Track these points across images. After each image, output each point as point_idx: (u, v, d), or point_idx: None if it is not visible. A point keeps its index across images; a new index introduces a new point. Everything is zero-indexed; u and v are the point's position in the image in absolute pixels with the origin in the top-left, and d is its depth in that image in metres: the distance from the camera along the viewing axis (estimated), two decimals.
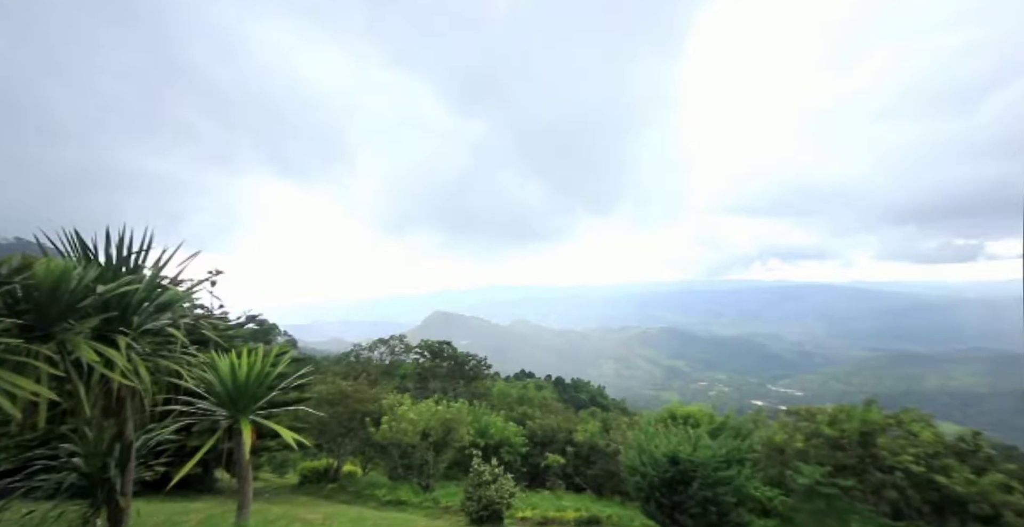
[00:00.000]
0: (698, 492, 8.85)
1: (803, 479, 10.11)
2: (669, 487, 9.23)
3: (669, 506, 9.14)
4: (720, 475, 8.91)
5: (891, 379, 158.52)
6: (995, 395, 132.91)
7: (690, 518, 8.90)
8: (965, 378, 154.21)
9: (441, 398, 14.85)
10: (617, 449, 14.43)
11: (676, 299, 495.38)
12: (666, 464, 9.37)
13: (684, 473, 9.18)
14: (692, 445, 9.72)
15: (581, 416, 22.07)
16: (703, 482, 8.91)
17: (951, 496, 8.77)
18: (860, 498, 9.74)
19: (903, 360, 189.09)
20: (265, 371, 5.63)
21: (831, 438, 10.67)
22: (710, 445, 9.74)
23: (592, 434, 16.07)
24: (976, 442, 9.61)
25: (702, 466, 9.04)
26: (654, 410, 18.89)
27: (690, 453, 9.42)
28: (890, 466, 9.60)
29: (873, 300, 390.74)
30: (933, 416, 11.01)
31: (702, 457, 9.26)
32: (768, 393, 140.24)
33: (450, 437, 12.41)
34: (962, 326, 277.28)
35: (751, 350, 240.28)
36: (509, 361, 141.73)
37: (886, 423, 10.51)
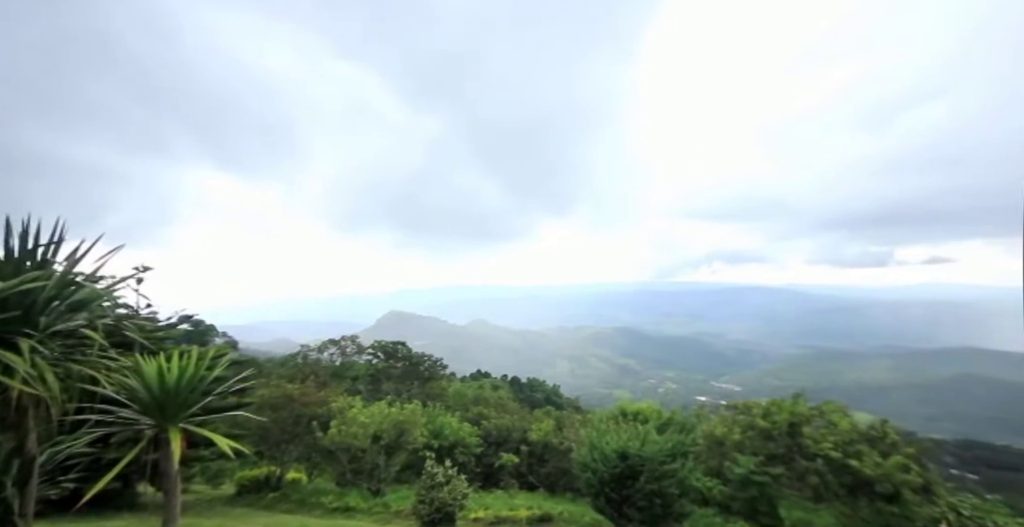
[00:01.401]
0: (645, 485, 9.21)
1: (739, 469, 10.82)
2: (618, 482, 9.53)
3: (618, 500, 9.44)
4: (666, 468, 9.31)
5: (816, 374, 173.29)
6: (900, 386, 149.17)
7: (637, 511, 9.24)
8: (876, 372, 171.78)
9: (394, 400, 14.47)
10: (570, 447, 14.74)
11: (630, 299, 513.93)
12: (616, 460, 9.67)
13: (633, 468, 9.52)
14: (641, 441, 10.10)
15: (536, 415, 22.31)
16: (650, 476, 9.28)
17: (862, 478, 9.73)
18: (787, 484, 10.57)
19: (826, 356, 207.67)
20: (199, 375, 5.22)
21: (764, 430, 11.51)
22: (657, 440, 10.17)
23: (546, 433, 16.30)
24: (884, 429, 10.72)
25: (649, 460, 9.41)
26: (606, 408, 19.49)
27: (639, 448, 9.78)
28: (813, 454, 10.50)
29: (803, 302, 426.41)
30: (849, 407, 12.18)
31: (650, 452, 9.64)
32: (711, 389, 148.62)
33: (403, 439, 12.13)
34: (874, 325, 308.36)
35: (697, 348, 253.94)
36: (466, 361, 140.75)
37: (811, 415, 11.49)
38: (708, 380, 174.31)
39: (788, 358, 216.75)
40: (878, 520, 9.58)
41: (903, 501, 9.36)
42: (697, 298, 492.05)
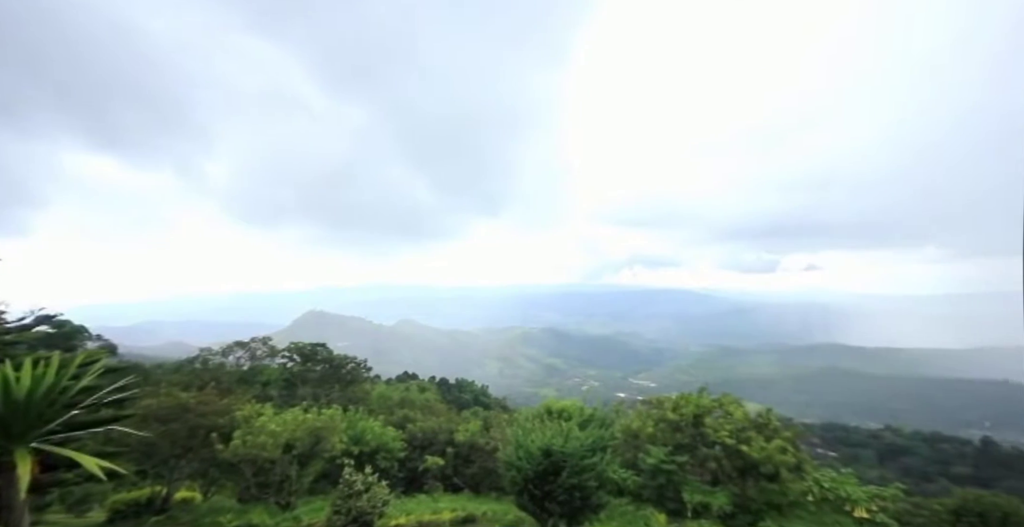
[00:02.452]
0: (566, 480, 9.54)
1: (651, 459, 11.65)
2: (541, 478, 9.77)
3: (540, 496, 9.67)
4: (586, 463, 9.72)
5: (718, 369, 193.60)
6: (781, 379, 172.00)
7: (558, 505, 9.54)
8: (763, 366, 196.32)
9: (311, 405, 13.47)
10: (496, 446, 14.83)
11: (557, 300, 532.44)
12: (540, 457, 9.90)
13: (556, 464, 9.81)
14: (564, 437, 10.44)
15: (464, 416, 22.16)
16: (571, 471, 9.63)
17: (750, 461, 10.99)
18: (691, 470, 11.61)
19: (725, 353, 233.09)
20: (61, 386, 4.40)
21: (673, 422, 12.53)
22: (579, 436, 10.58)
23: (473, 433, 16.25)
24: (768, 417, 12.21)
25: (571, 456, 9.76)
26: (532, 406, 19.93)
27: (562, 445, 10.10)
28: (712, 441, 11.65)
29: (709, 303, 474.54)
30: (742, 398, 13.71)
31: (572, 448, 10.00)
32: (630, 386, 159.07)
33: (319, 447, 11.32)
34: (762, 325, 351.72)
35: (617, 347, 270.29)
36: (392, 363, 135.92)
37: (712, 406, 12.73)
38: (627, 377, 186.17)
39: (695, 355, 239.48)
40: (761, 497, 10.90)
41: (781, 479, 10.76)
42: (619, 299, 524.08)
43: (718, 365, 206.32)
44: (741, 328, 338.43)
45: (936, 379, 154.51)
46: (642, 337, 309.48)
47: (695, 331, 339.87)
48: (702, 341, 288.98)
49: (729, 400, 13.05)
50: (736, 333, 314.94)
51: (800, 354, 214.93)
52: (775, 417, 12.43)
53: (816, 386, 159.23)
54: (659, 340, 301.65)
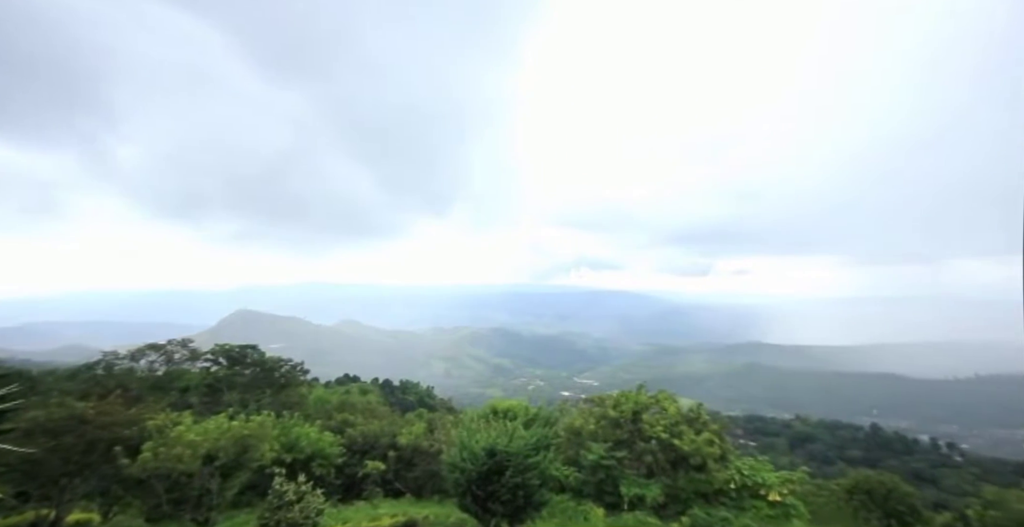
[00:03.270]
0: (510, 479, 9.57)
1: (592, 456, 12.03)
2: (485, 479, 9.73)
3: (483, 497, 9.63)
4: (530, 461, 9.82)
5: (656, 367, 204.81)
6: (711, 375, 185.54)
7: (501, 505, 9.55)
8: (696, 364, 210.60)
9: (239, 412, 12.45)
10: (440, 448, 14.59)
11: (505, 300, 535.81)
12: (484, 457, 9.86)
13: (499, 464, 9.81)
14: (509, 437, 10.48)
15: (408, 418, 21.59)
16: (515, 470, 9.68)
17: (682, 453, 11.70)
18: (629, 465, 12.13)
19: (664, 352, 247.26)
20: None
21: (614, 419, 13.03)
22: (524, 435, 10.67)
23: (417, 436, 15.87)
24: (699, 411, 13.08)
25: (515, 455, 9.82)
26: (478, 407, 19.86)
27: (506, 445, 10.13)
28: (649, 436, 12.26)
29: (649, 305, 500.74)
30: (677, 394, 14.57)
31: (516, 447, 10.06)
32: (574, 385, 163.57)
33: (246, 457, 10.47)
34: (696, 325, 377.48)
35: (563, 347, 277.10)
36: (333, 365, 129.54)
37: (649, 403, 13.39)
38: (572, 376, 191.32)
39: (637, 354, 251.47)
40: (690, 487, 11.65)
41: (708, 469, 11.57)
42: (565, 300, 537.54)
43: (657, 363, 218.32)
44: (678, 328, 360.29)
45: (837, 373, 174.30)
46: (588, 337, 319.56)
47: (637, 331, 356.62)
48: (643, 340, 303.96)
49: (665, 396, 13.81)
50: (673, 333, 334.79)
51: (728, 352, 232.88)
52: (705, 411, 13.34)
53: (741, 381, 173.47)
54: (603, 340, 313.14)
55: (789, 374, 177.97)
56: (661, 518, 10.93)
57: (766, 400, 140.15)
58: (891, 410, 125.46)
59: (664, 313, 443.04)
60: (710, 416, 13.60)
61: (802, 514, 11.01)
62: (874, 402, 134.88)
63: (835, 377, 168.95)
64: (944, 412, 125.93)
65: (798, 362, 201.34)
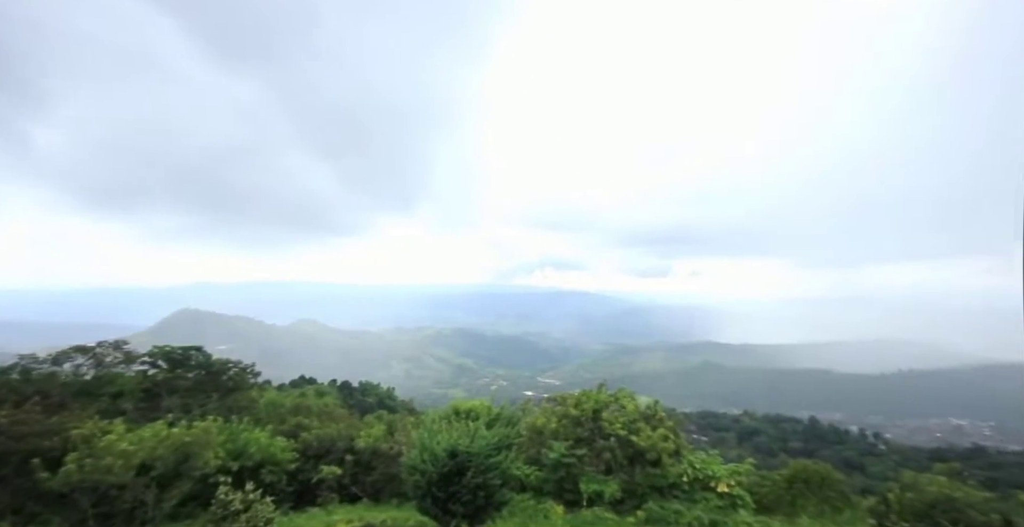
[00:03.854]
0: (471, 480, 9.54)
1: (553, 454, 12.21)
2: (446, 480, 9.65)
3: (444, 498, 9.55)
4: (491, 461, 9.84)
5: (616, 366, 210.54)
6: (668, 373, 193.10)
7: (462, 505, 9.50)
8: (654, 362, 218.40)
9: (180, 418, 11.67)
10: (400, 451, 14.32)
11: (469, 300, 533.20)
12: (445, 458, 9.77)
13: (461, 464, 9.76)
14: (471, 437, 10.44)
15: (367, 421, 21.03)
16: (476, 470, 9.67)
17: (639, 449, 12.10)
18: (589, 462, 12.41)
19: (623, 351, 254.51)
20: None
21: (575, 417, 13.28)
22: (486, 435, 10.67)
23: (376, 438, 15.49)
24: (655, 409, 13.58)
25: (477, 455, 9.80)
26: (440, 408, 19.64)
27: (468, 445, 10.09)
28: (608, 434, 12.59)
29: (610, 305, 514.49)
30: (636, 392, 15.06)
31: (478, 447, 10.05)
32: (537, 384, 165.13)
33: (187, 465, 9.82)
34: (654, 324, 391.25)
35: (526, 347, 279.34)
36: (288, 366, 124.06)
37: (609, 401, 13.75)
38: (534, 376, 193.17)
39: (597, 354, 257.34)
40: (646, 481, 12.08)
41: (662, 464, 12.05)
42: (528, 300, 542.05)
43: (616, 362, 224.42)
44: (637, 328, 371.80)
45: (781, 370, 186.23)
46: (550, 337, 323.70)
47: (597, 331, 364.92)
48: (603, 340, 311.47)
49: (624, 395, 14.23)
50: (633, 332, 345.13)
51: (684, 351, 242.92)
52: (661, 408, 13.87)
53: (695, 379, 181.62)
54: (565, 339, 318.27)
55: (738, 371, 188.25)
56: (618, 513, 11.27)
57: (718, 396, 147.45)
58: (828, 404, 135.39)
59: (624, 313, 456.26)
60: (666, 413, 14.14)
61: (747, 504, 11.68)
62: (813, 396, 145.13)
63: (779, 374, 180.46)
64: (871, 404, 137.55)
65: (747, 360, 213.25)
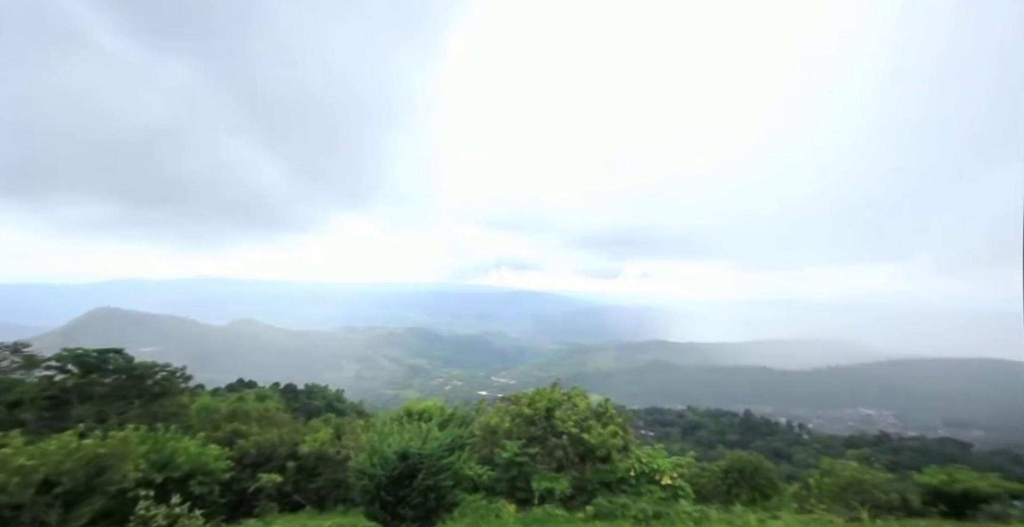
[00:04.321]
0: (422, 482, 9.34)
1: (506, 453, 12.22)
2: (396, 483, 9.37)
3: (393, 503, 9.27)
4: (443, 462, 9.68)
5: (570, 365, 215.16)
6: (619, 371, 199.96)
7: (411, 509, 9.27)
8: (606, 361, 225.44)
9: (93, 427, 10.49)
10: (348, 455, 13.75)
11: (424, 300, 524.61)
12: (396, 461, 9.49)
13: (412, 467, 9.52)
14: (423, 439, 10.22)
15: (312, 425, 20.02)
16: (428, 472, 9.47)
17: (589, 447, 12.39)
18: (541, 460, 12.53)
19: (577, 350, 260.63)
20: None
21: (528, 416, 13.36)
22: (439, 436, 10.48)
23: (322, 443, 14.78)
24: (606, 406, 13.96)
25: (428, 457, 9.61)
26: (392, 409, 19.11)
27: (420, 447, 9.87)
28: (560, 432, 12.79)
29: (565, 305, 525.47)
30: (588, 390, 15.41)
31: (430, 449, 9.85)
32: (491, 384, 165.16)
33: (101, 480, 8.84)
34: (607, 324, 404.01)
35: (482, 347, 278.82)
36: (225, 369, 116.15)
37: (562, 399, 13.97)
38: (489, 376, 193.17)
39: (552, 353, 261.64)
40: (596, 477, 12.39)
41: (612, 460, 12.41)
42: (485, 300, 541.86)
43: (570, 361, 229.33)
44: (591, 327, 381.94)
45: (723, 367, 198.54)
46: (506, 337, 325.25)
47: (552, 330, 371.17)
48: (558, 339, 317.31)
49: (576, 393, 14.51)
50: (586, 332, 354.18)
51: (635, 350, 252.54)
52: (611, 406, 14.28)
53: (644, 377, 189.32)
54: (521, 339, 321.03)
55: (685, 369, 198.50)
56: (568, 509, 11.46)
57: (665, 393, 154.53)
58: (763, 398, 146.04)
59: (578, 313, 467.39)
60: (616, 410, 14.58)
61: (688, 494, 12.29)
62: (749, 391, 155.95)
63: (721, 371, 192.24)
64: (798, 398, 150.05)
65: (692, 358, 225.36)
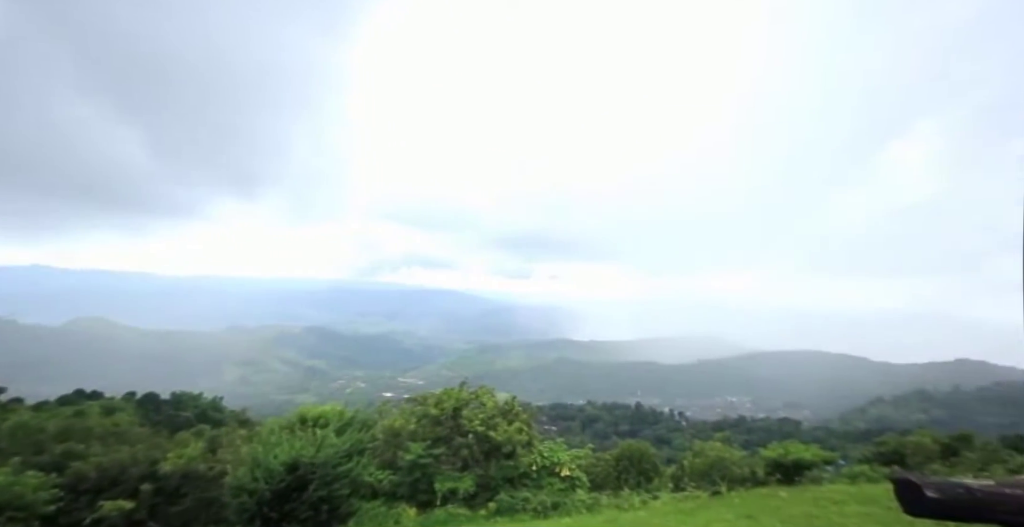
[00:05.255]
0: (313, 494, 8.59)
1: (409, 456, 11.79)
2: (281, 498, 8.48)
3: (277, 519, 8.38)
4: (339, 471, 9.02)
5: (480, 364, 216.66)
6: (527, 369, 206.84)
7: (299, 524, 8.47)
8: (515, 360, 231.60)
9: None
10: (225, 470, 12.11)
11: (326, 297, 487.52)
12: (283, 473, 8.60)
13: (302, 478, 8.71)
14: (317, 446, 9.42)
15: (180, 439, 17.28)
16: (320, 482, 8.74)
17: (495, 444, 12.54)
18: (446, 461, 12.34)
19: (487, 349, 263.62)
20: None
21: (434, 416, 13.07)
22: (336, 443, 9.75)
23: (191, 459, 12.79)
24: (513, 404, 14.27)
25: (322, 466, 8.88)
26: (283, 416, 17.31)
27: (313, 455, 9.08)
28: (467, 431, 12.73)
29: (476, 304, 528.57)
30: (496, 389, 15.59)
31: (325, 457, 9.11)
32: (398, 385, 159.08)
33: None
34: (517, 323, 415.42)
35: (389, 346, 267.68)
36: (60, 378, 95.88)
37: (469, 398, 13.94)
38: (395, 376, 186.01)
39: (461, 352, 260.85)
40: (500, 473, 12.58)
41: (516, 455, 12.70)
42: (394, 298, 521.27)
43: (480, 360, 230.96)
44: (501, 326, 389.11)
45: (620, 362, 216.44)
46: (415, 335, 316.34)
47: (463, 329, 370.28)
48: (468, 339, 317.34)
49: (484, 392, 14.59)
50: (497, 331, 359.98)
51: (541, 348, 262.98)
52: (517, 403, 14.63)
53: (550, 374, 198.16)
54: (430, 338, 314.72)
55: (586, 365, 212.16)
56: (471, 508, 11.44)
57: (568, 389, 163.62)
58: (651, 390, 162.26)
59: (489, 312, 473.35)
60: (522, 407, 14.96)
61: (584, 484, 13.09)
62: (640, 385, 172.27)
63: (618, 366, 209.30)
64: (680, 388, 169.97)
65: (594, 355, 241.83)
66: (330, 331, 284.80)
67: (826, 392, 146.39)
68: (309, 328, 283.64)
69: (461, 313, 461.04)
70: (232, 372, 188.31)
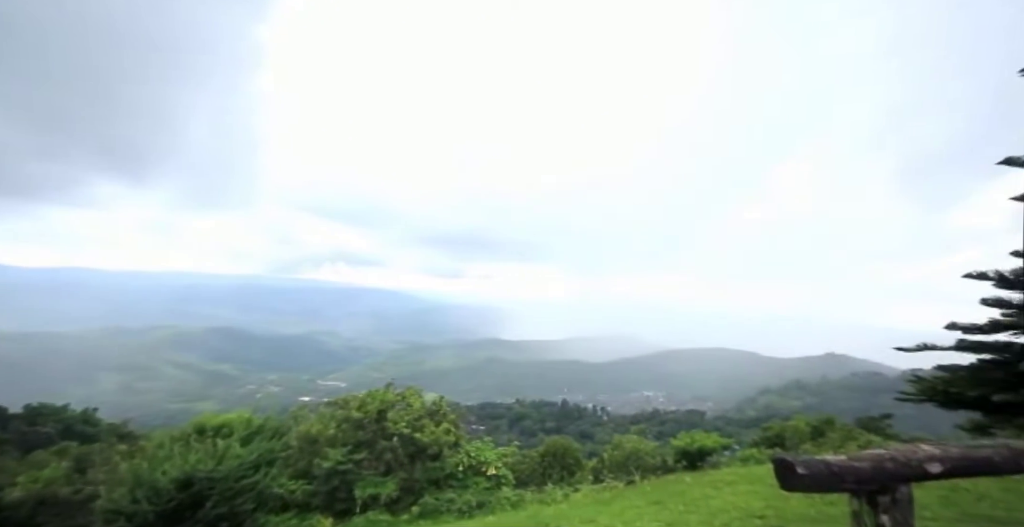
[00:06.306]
0: (211, 511, 7.73)
1: (327, 463, 11.10)
2: (170, 519, 7.51)
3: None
4: (243, 484, 8.21)
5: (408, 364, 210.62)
6: (456, 369, 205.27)
7: None
8: (445, 359, 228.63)
9: None
10: (96, 492, 10.45)
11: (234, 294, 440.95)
12: (173, 491, 7.62)
13: (197, 495, 7.79)
14: (217, 459, 8.49)
15: (34, 459, 14.60)
16: (220, 497, 7.88)
17: (421, 446, 12.26)
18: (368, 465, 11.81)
19: (417, 349, 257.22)
20: None
21: (357, 420, 12.46)
22: (240, 453, 8.87)
23: (50, 482, 10.87)
24: (440, 404, 14.07)
25: (223, 480, 8.01)
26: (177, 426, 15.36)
27: (212, 468, 8.16)
28: (392, 433, 12.30)
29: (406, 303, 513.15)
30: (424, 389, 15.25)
31: (226, 469, 8.24)
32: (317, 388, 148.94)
33: None
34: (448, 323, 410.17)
35: (309, 347, 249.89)
36: None
37: (395, 399, 13.49)
38: (315, 379, 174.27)
39: (390, 352, 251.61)
40: (426, 475, 12.32)
41: (443, 456, 12.53)
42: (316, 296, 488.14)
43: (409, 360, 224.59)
44: (431, 326, 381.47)
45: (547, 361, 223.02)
46: (339, 336, 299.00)
47: (392, 329, 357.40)
48: (397, 339, 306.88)
49: (411, 392, 14.20)
50: (427, 330, 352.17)
51: (472, 348, 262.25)
52: (445, 404, 14.44)
53: (480, 373, 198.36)
54: (356, 339, 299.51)
55: (516, 365, 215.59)
56: (393, 513, 11.06)
57: (497, 388, 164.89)
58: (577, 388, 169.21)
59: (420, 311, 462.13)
60: (450, 407, 14.80)
61: (509, 481, 13.29)
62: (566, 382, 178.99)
63: (546, 365, 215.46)
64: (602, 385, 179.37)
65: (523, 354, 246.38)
66: (239, 332, 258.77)
67: (727, 385, 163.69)
68: (212, 329, 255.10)
69: (390, 312, 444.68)
70: (109, 379, 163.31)
